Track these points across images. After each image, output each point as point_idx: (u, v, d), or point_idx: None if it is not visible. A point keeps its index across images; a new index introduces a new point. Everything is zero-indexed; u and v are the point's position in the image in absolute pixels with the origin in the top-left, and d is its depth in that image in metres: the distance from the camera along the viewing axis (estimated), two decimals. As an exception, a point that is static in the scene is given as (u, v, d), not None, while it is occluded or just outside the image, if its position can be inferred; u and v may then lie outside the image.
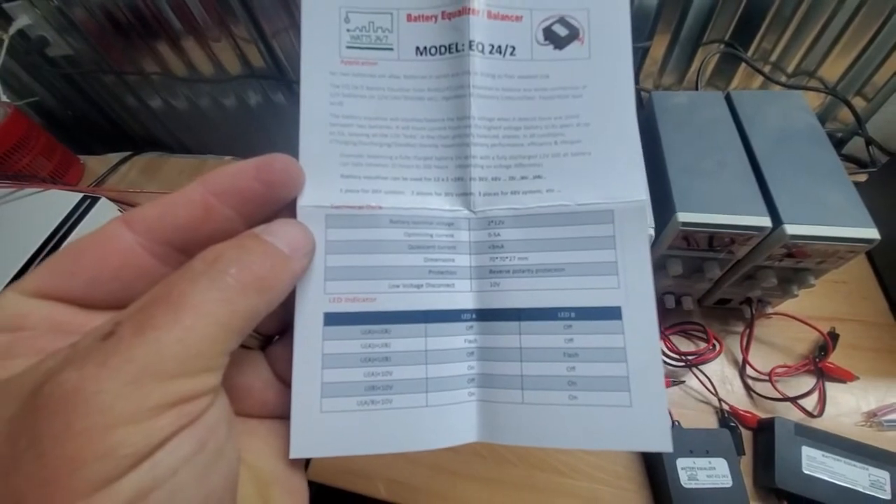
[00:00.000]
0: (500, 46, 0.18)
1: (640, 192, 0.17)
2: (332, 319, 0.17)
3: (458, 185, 0.18)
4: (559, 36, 0.18)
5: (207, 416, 0.13)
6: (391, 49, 0.18)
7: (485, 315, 0.18)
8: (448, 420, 0.17)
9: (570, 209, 0.18)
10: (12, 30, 0.61)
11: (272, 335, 0.18)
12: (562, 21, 0.18)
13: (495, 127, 0.18)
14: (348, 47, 0.18)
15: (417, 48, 0.18)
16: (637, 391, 0.16)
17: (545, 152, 0.18)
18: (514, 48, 0.18)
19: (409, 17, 0.18)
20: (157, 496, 0.11)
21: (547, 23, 0.18)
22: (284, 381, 0.17)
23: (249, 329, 0.14)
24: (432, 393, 0.17)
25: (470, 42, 0.18)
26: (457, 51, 0.18)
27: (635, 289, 0.17)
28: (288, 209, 0.17)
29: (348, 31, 0.18)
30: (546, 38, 0.18)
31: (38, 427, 0.10)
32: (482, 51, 0.18)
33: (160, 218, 0.15)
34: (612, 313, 0.17)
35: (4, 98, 0.62)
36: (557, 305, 0.17)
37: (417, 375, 0.17)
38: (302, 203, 0.17)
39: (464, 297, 0.18)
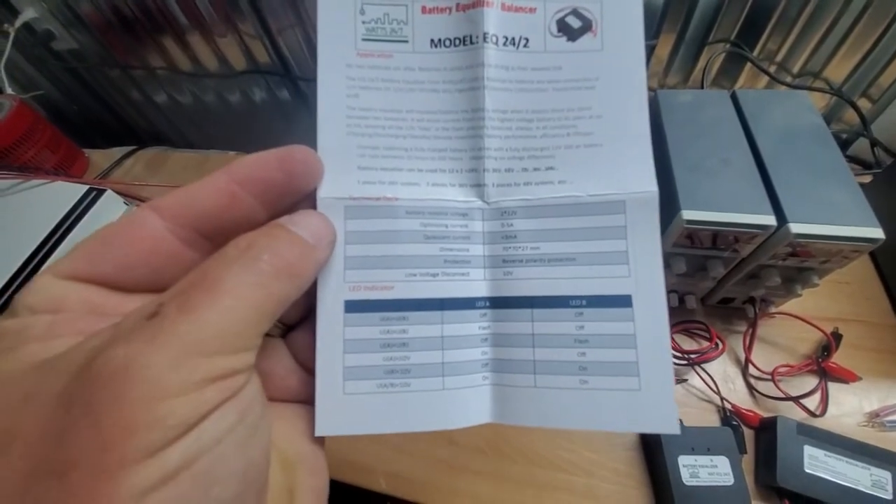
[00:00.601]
0: (513, 38, 0.19)
1: (651, 183, 0.18)
2: (352, 307, 0.18)
3: (472, 177, 0.19)
4: (572, 28, 0.19)
5: (246, 392, 0.13)
6: (406, 41, 0.19)
7: (498, 303, 0.18)
8: (463, 402, 0.18)
9: (581, 200, 0.18)
10: (18, 23, 0.61)
11: (293, 324, 0.19)
12: (575, 13, 0.18)
13: (508, 119, 0.18)
14: (364, 39, 0.19)
15: (432, 40, 0.19)
16: (646, 376, 0.17)
17: (558, 144, 0.18)
18: (527, 40, 0.19)
19: (423, 10, 0.19)
20: (201, 464, 0.12)
21: (560, 14, 0.19)
22: (305, 367, 0.18)
23: (279, 313, 0.14)
24: (448, 377, 0.18)
25: (484, 34, 0.18)
26: (471, 43, 0.18)
27: (646, 278, 0.17)
28: (307, 200, 0.17)
29: (364, 23, 0.19)
30: (559, 30, 0.19)
31: (92, 397, 0.11)
32: (496, 43, 0.18)
33: (188, 205, 0.15)
34: (623, 301, 0.17)
35: (10, 91, 0.62)
36: (569, 294, 0.18)
37: (434, 360, 0.18)
38: (321, 195, 0.17)
39: (478, 285, 0.18)
